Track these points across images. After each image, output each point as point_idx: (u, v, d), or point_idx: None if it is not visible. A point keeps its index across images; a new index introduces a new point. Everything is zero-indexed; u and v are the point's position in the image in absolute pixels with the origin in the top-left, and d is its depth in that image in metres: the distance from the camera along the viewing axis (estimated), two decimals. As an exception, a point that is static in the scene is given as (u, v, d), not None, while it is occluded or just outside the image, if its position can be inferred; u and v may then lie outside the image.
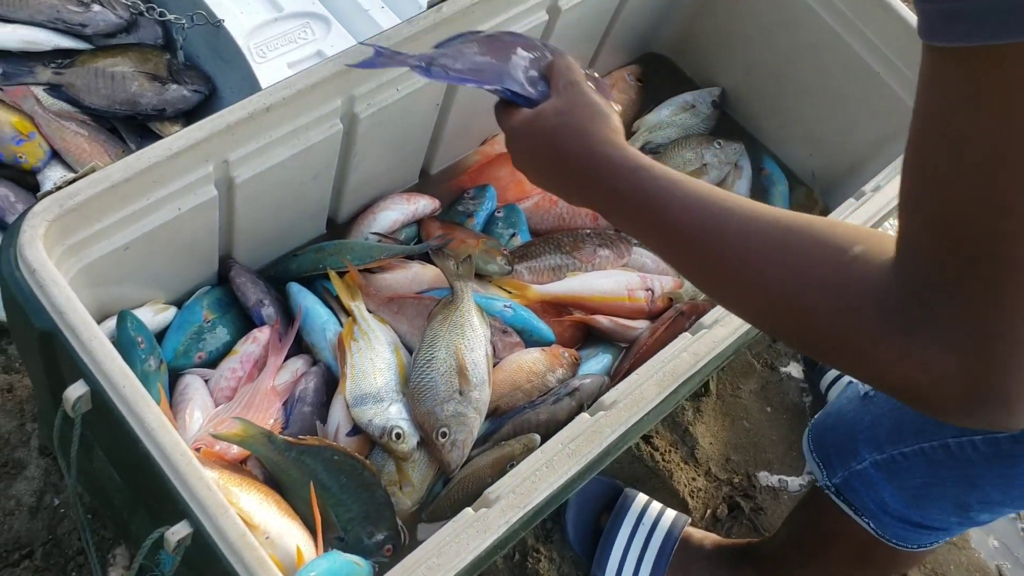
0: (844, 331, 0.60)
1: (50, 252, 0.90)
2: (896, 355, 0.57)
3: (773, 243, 0.66)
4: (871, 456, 1.06)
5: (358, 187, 1.32)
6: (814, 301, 0.61)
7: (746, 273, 0.67)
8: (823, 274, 0.62)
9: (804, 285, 0.63)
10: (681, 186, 0.74)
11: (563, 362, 1.26)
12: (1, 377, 1.29)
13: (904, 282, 0.57)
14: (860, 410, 1.10)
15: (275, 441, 1.05)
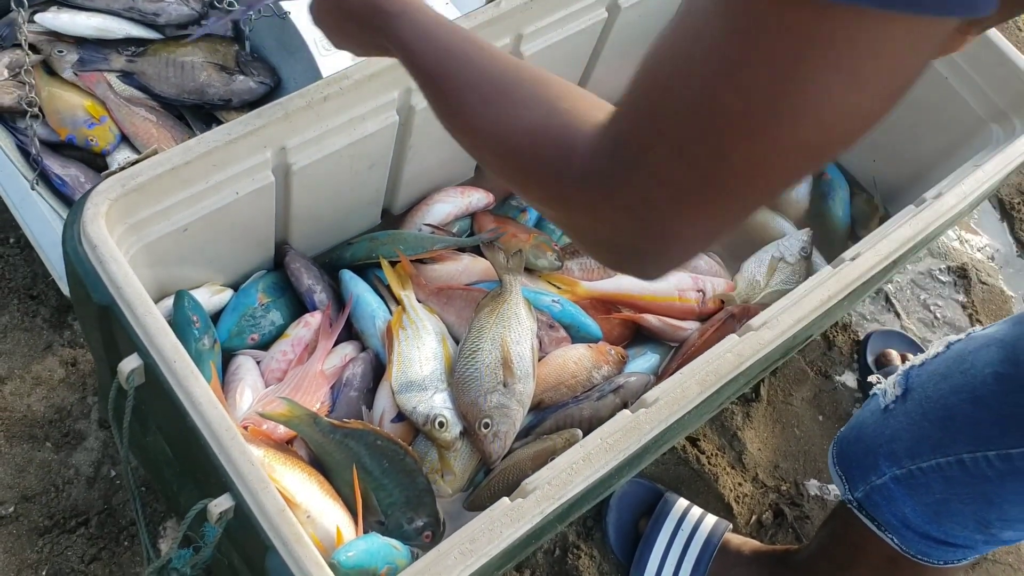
0: (543, 172, 0.64)
1: (111, 230, 0.94)
2: (584, 201, 0.61)
3: (495, 87, 0.70)
4: (891, 471, 1.05)
5: (413, 179, 1.34)
6: (521, 144, 0.65)
7: (467, 113, 0.71)
8: (531, 119, 0.66)
9: (513, 129, 0.67)
10: (434, 30, 0.78)
11: (609, 359, 1.26)
12: (66, 351, 1.34)
13: (608, 136, 0.59)
14: (880, 424, 1.09)
15: (320, 423, 1.07)
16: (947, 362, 1.06)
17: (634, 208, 0.58)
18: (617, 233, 0.61)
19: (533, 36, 1.25)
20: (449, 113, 0.74)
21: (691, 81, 0.54)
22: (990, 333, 1.05)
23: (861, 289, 1.16)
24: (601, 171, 0.60)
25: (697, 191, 0.57)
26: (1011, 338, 1.00)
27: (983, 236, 1.90)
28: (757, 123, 0.53)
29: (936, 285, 1.81)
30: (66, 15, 1.36)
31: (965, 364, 1.03)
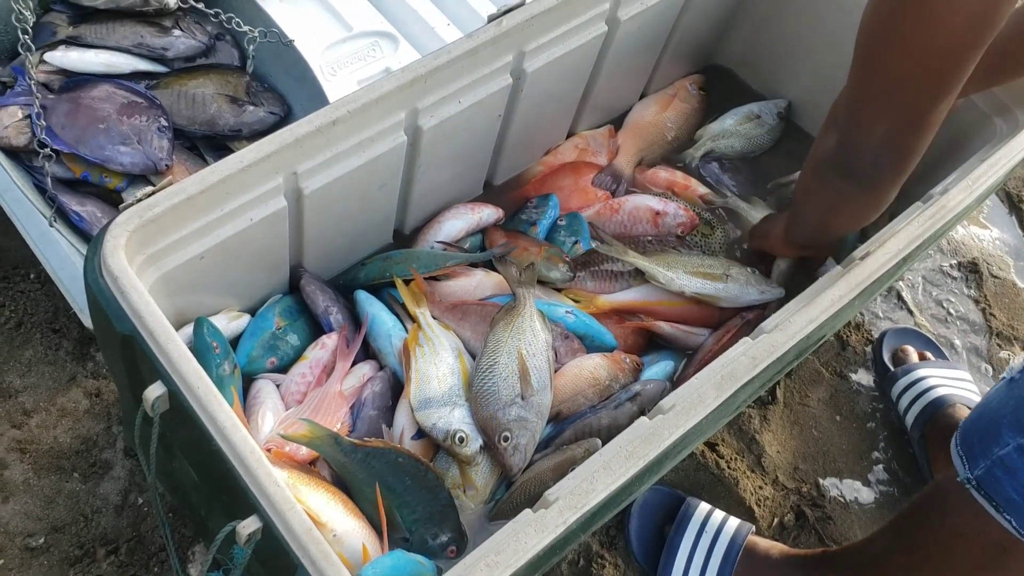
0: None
1: (131, 260, 0.96)
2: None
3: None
4: (1014, 440, 1.01)
5: (423, 197, 1.35)
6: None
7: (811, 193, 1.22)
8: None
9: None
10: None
11: (624, 368, 1.27)
12: (90, 382, 1.36)
13: None
14: (1005, 396, 1.05)
15: (341, 443, 1.09)
16: None
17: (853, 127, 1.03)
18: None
19: (535, 52, 1.27)
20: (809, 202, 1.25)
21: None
22: None
23: (872, 287, 1.17)
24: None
25: (872, 99, 0.96)
26: None
27: (993, 230, 1.90)
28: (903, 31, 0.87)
29: (948, 281, 1.81)
30: (75, 53, 1.39)
31: None
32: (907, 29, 0.87)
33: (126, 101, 1.34)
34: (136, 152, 1.31)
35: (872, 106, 0.99)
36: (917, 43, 0.87)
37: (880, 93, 0.97)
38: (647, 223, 1.45)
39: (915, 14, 0.85)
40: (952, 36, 0.86)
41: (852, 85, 0.99)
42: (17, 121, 1.33)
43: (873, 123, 1.00)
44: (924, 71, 0.90)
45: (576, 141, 1.56)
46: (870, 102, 0.99)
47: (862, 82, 0.98)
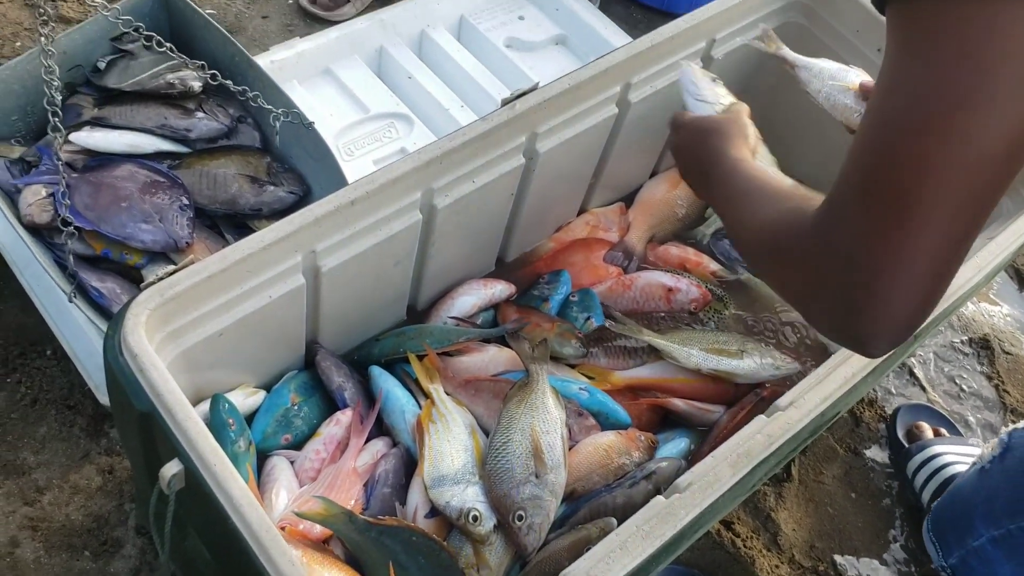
0: (779, 253, 0.76)
1: (151, 338, 0.97)
2: (810, 263, 0.71)
3: (753, 203, 0.88)
4: (988, 532, 1.02)
5: (437, 274, 1.37)
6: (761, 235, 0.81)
7: (740, 225, 0.89)
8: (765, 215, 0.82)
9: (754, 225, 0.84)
10: (743, 171, 0.97)
11: (639, 445, 1.26)
12: (103, 459, 1.36)
13: (824, 204, 0.71)
14: (977, 485, 1.07)
15: (356, 521, 1.08)
16: None
17: (842, 256, 0.66)
18: (836, 287, 0.67)
19: (547, 134, 1.30)
20: (726, 222, 0.95)
21: (875, 131, 0.64)
22: None
23: (885, 364, 1.17)
24: (819, 233, 0.69)
25: (889, 226, 0.63)
26: None
27: (1003, 306, 1.91)
28: (929, 140, 0.60)
29: (959, 357, 1.81)
30: (99, 133, 1.43)
31: None
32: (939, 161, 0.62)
33: (148, 180, 1.38)
34: (157, 230, 1.34)
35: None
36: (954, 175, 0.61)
37: (898, 214, 0.66)
38: (659, 300, 1.46)
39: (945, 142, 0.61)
40: (993, 163, 0.63)
41: (844, 193, 0.70)
42: (40, 199, 1.36)
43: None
44: (958, 208, 0.64)
45: (587, 218, 1.58)
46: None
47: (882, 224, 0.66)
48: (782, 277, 0.77)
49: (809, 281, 0.71)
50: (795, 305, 0.77)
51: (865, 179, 0.64)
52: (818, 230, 0.69)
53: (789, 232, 0.75)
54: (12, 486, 1.32)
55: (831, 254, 0.67)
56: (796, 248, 0.72)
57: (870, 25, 1.46)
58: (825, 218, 0.69)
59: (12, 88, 1.42)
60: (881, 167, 0.63)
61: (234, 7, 1.98)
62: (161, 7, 1.50)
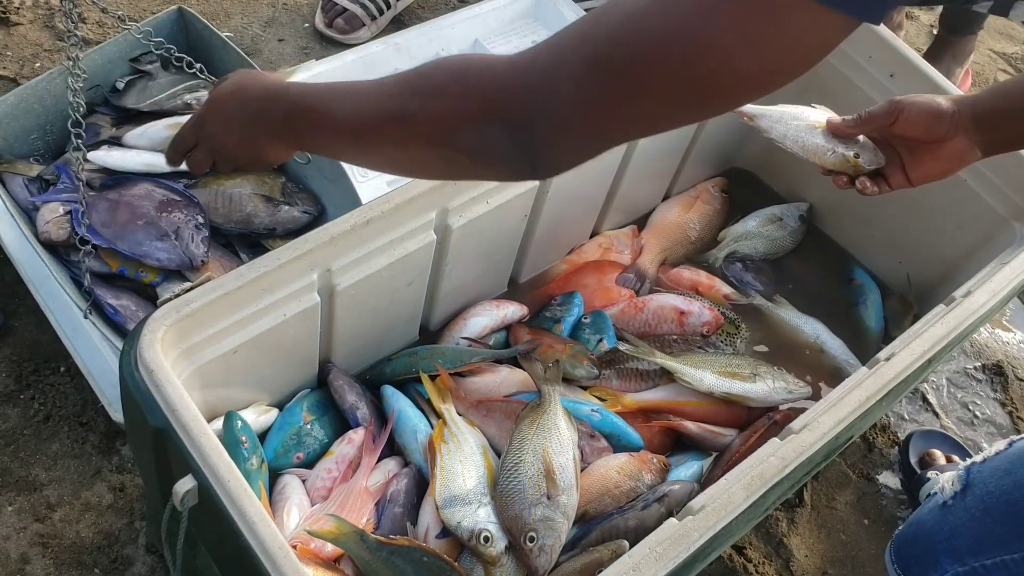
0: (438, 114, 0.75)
1: (166, 355, 0.97)
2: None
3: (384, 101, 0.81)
4: (952, 568, 1.03)
5: (450, 294, 1.38)
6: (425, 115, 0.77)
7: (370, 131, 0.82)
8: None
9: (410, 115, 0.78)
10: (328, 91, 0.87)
11: (651, 468, 1.26)
12: (114, 477, 1.36)
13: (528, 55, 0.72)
14: (939, 520, 1.07)
15: (367, 540, 1.08)
16: (1010, 459, 1.06)
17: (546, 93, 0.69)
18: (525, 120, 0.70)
19: (562, 156, 1.30)
20: (360, 142, 0.83)
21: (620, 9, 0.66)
22: None
23: (898, 389, 1.17)
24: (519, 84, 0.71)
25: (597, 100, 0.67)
26: None
27: (1016, 333, 1.90)
28: (667, 47, 0.63)
29: (973, 384, 1.80)
30: (117, 153, 1.44)
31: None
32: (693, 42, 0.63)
33: (165, 199, 1.39)
34: (173, 248, 1.34)
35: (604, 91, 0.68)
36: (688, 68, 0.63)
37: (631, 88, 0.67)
38: (672, 322, 1.46)
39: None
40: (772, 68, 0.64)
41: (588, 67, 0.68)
42: (58, 216, 1.37)
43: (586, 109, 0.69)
44: (672, 98, 0.66)
45: (600, 240, 1.59)
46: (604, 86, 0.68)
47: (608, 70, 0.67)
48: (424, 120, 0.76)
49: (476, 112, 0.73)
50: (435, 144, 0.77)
51: (602, 47, 0.67)
52: (530, 69, 0.71)
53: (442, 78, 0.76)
54: (24, 502, 1.32)
55: (536, 91, 0.70)
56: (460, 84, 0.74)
57: (883, 52, 1.47)
58: (544, 59, 0.71)
59: (32, 107, 1.44)
60: (623, 41, 0.66)
61: (251, 30, 2.00)
62: (179, 28, 1.52)
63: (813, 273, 1.68)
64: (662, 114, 0.69)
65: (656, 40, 0.64)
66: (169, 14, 1.50)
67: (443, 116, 0.75)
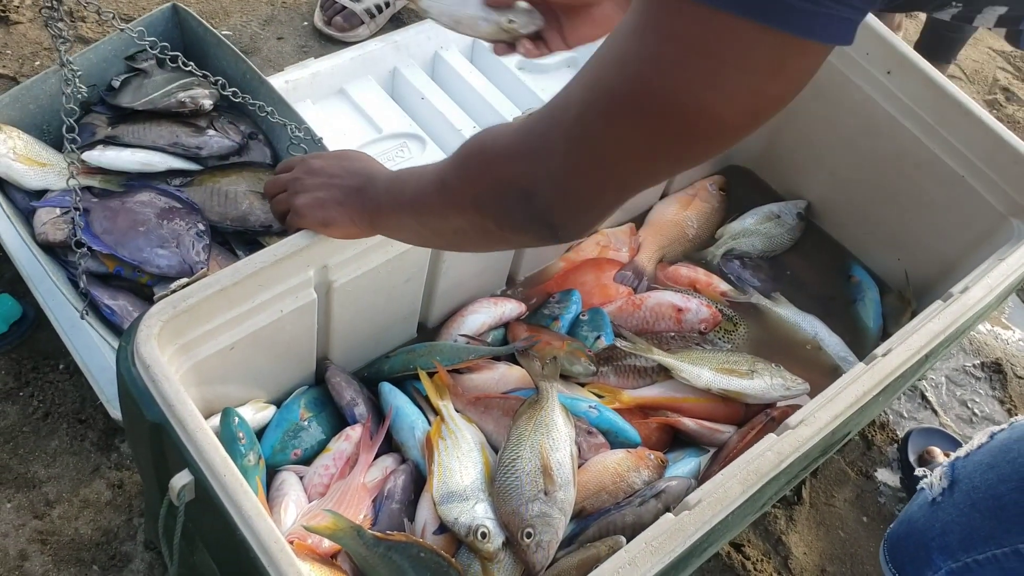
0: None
1: (163, 350, 0.98)
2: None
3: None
4: (946, 564, 1.03)
5: (447, 292, 1.38)
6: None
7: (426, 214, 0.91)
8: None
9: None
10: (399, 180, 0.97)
11: (649, 464, 1.26)
12: (113, 474, 1.36)
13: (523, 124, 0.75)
14: (930, 517, 1.08)
15: (364, 536, 1.08)
16: (992, 452, 1.06)
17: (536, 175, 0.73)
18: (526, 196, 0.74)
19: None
20: (420, 220, 0.92)
21: (589, 79, 0.67)
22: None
23: (895, 384, 1.17)
24: (517, 150, 0.74)
25: (584, 164, 0.70)
26: None
27: (1015, 331, 1.90)
28: (638, 104, 0.64)
29: (972, 381, 1.80)
30: (112, 152, 1.43)
31: (1011, 453, 1.03)
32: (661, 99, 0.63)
33: (166, 206, 1.39)
34: (173, 255, 1.34)
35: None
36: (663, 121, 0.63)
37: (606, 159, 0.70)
38: (669, 319, 1.46)
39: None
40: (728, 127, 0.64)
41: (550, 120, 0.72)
42: (55, 217, 1.36)
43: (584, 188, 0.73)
44: (653, 152, 0.67)
45: (597, 238, 1.59)
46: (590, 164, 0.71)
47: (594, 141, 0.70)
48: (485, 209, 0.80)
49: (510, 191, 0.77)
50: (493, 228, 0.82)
51: (589, 118, 0.68)
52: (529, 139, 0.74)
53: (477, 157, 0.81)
54: (22, 499, 1.32)
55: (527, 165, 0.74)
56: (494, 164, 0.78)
57: (880, 49, 1.47)
58: (533, 133, 0.74)
59: (28, 108, 1.44)
60: (595, 108, 0.67)
61: (249, 29, 2.00)
62: (174, 26, 1.52)
63: (811, 270, 1.68)
64: (655, 169, 0.71)
65: (625, 103, 0.65)
66: (163, 11, 1.49)
67: (468, 185, 0.82)
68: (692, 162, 0.70)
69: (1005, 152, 1.40)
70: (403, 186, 0.95)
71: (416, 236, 0.98)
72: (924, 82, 1.43)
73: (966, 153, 1.44)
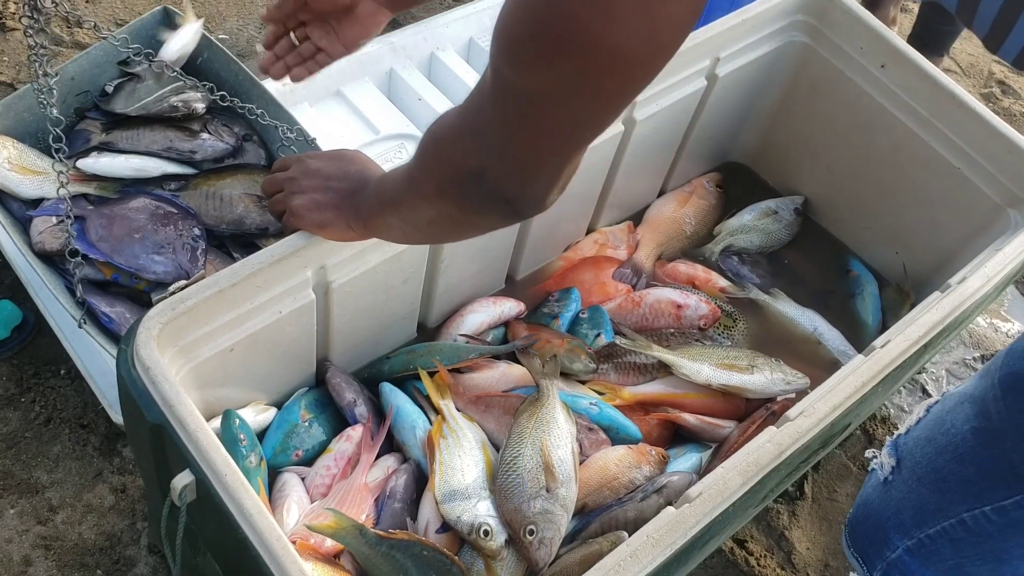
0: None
1: (163, 352, 0.98)
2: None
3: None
4: (903, 543, 1.04)
5: (446, 292, 1.38)
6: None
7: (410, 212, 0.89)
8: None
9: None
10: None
11: (650, 459, 1.26)
12: (115, 478, 1.37)
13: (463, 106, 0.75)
14: (884, 497, 1.08)
15: (366, 534, 1.08)
16: (929, 426, 1.07)
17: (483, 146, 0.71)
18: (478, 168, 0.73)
19: (556, 150, 1.31)
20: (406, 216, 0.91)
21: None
22: (963, 390, 1.06)
23: (894, 375, 1.17)
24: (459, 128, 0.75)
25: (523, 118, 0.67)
26: (979, 391, 1.02)
27: (1014, 323, 1.90)
28: (538, 46, 0.61)
29: (972, 374, 1.80)
30: (106, 158, 1.43)
31: (945, 425, 1.04)
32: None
33: (161, 211, 1.39)
34: (169, 261, 1.35)
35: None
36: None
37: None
38: (669, 316, 1.47)
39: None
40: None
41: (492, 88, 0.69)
42: (52, 226, 1.37)
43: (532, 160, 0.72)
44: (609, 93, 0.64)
45: (596, 237, 1.59)
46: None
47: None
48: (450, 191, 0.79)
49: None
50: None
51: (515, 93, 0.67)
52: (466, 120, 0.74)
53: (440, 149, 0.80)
54: (26, 505, 1.33)
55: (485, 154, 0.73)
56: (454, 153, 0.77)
57: (874, 43, 1.48)
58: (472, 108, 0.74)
59: (23, 116, 1.44)
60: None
61: (246, 32, 2.01)
62: (167, 28, 1.52)
63: (809, 265, 1.68)
64: (577, 117, 0.67)
65: (528, 47, 0.62)
66: (155, 15, 1.49)
67: (428, 175, 0.82)
68: (610, 105, 0.66)
69: (1000, 143, 1.40)
70: (385, 186, 0.95)
71: (401, 234, 0.97)
72: (918, 75, 1.44)
73: (961, 145, 1.44)
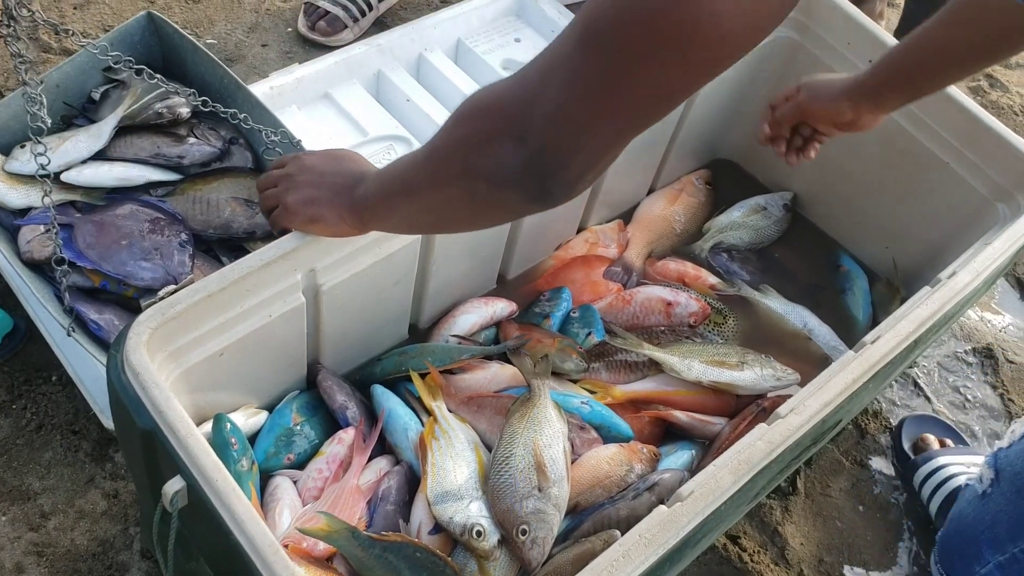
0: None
1: (152, 357, 0.98)
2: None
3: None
4: (994, 558, 1.01)
5: (437, 292, 1.38)
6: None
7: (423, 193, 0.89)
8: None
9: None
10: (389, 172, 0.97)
11: (642, 457, 1.26)
12: (108, 484, 1.36)
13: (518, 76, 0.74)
14: (980, 510, 1.06)
15: (359, 537, 1.08)
16: None
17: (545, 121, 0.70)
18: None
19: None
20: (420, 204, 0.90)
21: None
22: None
23: (885, 371, 1.18)
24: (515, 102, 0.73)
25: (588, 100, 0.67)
26: None
27: (1005, 316, 1.91)
28: (634, 13, 0.62)
29: (963, 367, 1.80)
30: (89, 169, 1.41)
31: None
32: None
33: (148, 217, 1.38)
34: (157, 267, 1.34)
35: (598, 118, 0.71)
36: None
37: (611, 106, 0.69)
38: (659, 314, 1.47)
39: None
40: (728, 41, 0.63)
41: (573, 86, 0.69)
42: (39, 235, 1.35)
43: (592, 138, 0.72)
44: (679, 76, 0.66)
45: (586, 235, 1.59)
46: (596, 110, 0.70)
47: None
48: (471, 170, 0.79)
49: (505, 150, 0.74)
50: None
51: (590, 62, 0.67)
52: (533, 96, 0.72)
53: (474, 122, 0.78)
54: (18, 511, 1.32)
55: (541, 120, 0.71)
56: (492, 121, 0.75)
57: (861, 38, 1.48)
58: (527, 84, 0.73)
59: (8, 124, 1.42)
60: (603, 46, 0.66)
61: (234, 36, 2.01)
62: (152, 34, 1.51)
63: (799, 261, 1.68)
64: (648, 89, 0.67)
65: (629, 6, 0.63)
66: (139, 20, 1.48)
67: (460, 140, 0.80)
68: (693, 81, 0.67)
69: (988, 137, 1.40)
70: (392, 172, 0.94)
71: (405, 220, 0.96)
72: (906, 70, 1.44)
73: (950, 139, 1.44)
